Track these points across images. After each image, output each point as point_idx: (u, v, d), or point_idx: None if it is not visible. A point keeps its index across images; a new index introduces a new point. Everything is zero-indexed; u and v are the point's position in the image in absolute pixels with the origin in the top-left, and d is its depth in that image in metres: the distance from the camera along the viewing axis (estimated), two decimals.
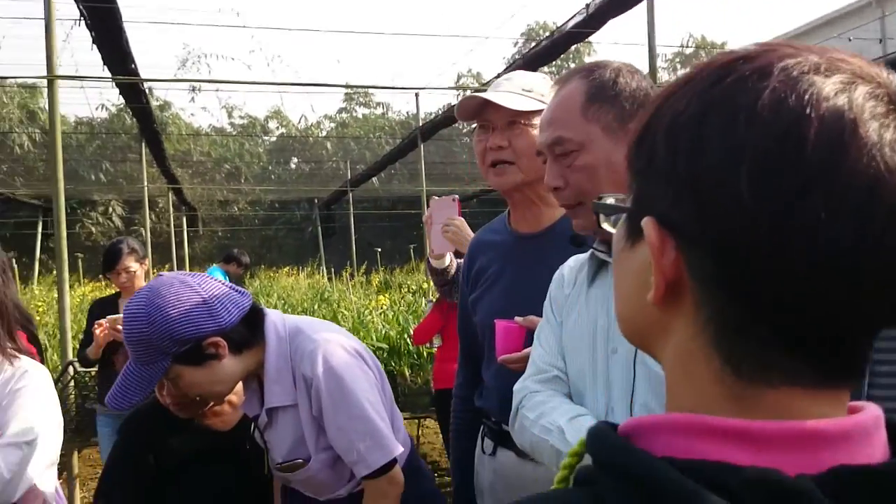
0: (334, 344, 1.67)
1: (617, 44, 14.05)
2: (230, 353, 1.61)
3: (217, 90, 28.89)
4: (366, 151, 26.49)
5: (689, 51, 26.80)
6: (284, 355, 1.66)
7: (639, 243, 0.56)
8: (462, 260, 2.83)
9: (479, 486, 1.96)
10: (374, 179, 21.51)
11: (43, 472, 1.88)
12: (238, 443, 1.93)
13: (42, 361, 2.51)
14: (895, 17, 17.04)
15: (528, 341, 1.66)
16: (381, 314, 7.46)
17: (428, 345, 4.87)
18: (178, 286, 1.58)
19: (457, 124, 19.48)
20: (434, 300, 4.42)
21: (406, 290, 12.43)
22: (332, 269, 17.71)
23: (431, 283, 10.91)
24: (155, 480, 1.92)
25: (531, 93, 1.81)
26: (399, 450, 1.67)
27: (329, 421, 1.63)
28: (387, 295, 9.94)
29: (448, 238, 2.60)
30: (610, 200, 0.66)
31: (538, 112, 1.80)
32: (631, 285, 0.59)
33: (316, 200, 25.33)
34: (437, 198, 2.69)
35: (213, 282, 1.65)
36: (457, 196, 2.70)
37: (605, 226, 0.67)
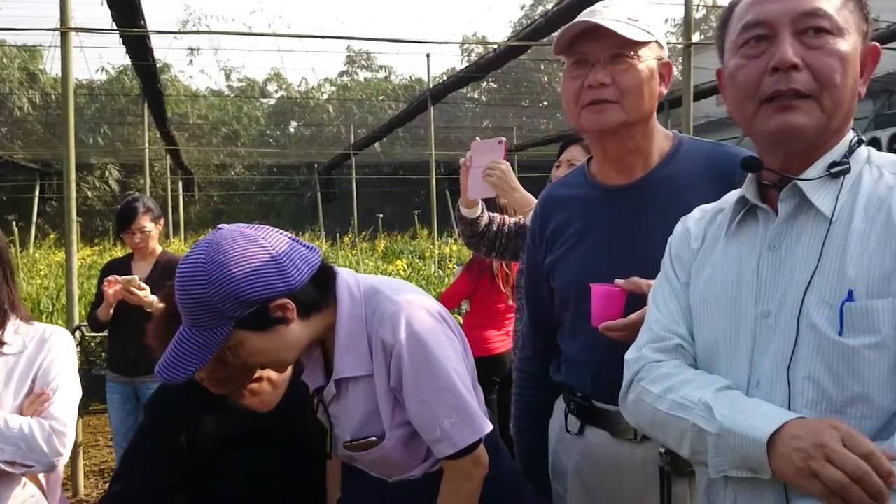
0: (418, 306, 1.47)
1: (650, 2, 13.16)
2: (298, 316, 1.41)
3: (217, 51, 28.41)
4: (368, 115, 26.15)
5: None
6: (359, 319, 1.46)
7: None
8: (494, 214, 2.63)
9: (557, 468, 1.78)
10: (376, 144, 21.22)
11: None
12: (278, 424, 1.74)
13: None
14: None
15: (629, 307, 1.48)
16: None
17: (455, 311, 4.69)
18: (241, 240, 1.37)
19: (462, 89, 19.16)
20: (463, 264, 4.21)
21: (412, 256, 12.23)
22: (336, 235, 17.46)
23: (442, 249, 10.75)
24: (188, 464, 1.72)
25: (637, 22, 1.55)
26: (489, 427, 1.48)
27: (410, 393, 1.43)
28: (403, 260, 9.73)
29: (491, 182, 2.42)
30: None
31: (646, 44, 1.57)
32: None
33: (316, 165, 25.00)
34: (479, 139, 2.53)
35: (279, 235, 1.43)
36: (503, 139, 2.51)
37: None
